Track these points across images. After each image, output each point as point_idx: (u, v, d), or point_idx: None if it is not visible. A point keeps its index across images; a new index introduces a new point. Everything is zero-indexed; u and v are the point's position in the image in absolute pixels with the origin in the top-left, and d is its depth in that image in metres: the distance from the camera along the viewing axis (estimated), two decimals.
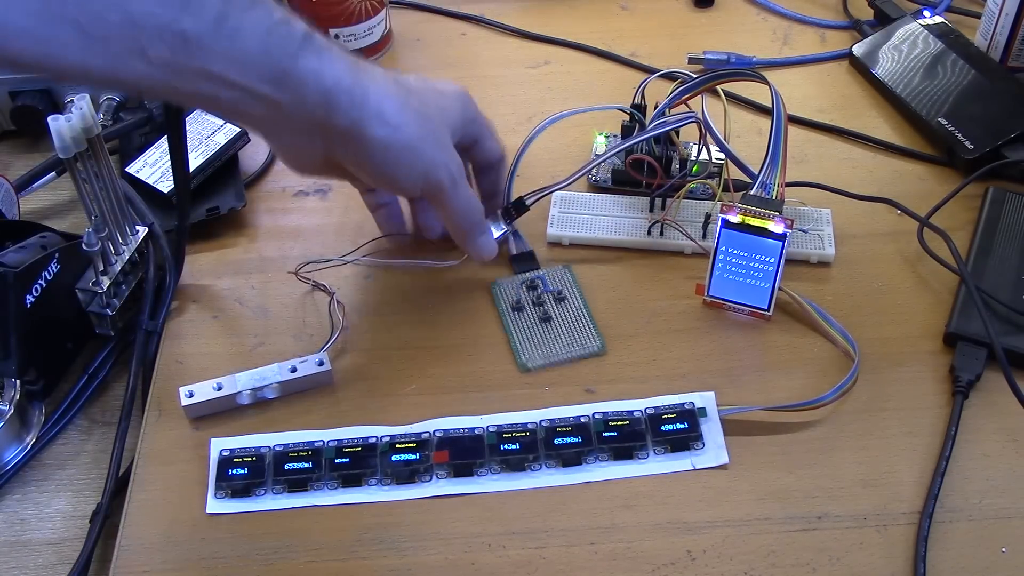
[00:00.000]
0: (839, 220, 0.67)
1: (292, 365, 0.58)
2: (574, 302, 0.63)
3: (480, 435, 0.56)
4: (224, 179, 0.71)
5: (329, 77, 0.50)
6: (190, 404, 0.57)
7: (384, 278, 0.65)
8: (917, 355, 0.60)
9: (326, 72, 0.50)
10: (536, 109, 0.79)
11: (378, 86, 0.53)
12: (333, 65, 0.51)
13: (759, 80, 0.64)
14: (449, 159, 0.57)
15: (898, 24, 0.82)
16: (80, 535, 0.54)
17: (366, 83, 0.52)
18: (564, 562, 0.51)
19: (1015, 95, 0.74)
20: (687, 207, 0.68)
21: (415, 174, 0.56)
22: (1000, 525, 0.52)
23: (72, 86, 0.75)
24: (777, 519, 0.53)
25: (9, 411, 0.58)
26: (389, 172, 0.55)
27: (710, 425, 0.56)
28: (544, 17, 0.89)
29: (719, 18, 0.89)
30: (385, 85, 0.53)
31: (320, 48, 0.51)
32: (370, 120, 0.52)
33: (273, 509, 0.54)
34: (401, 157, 0.54)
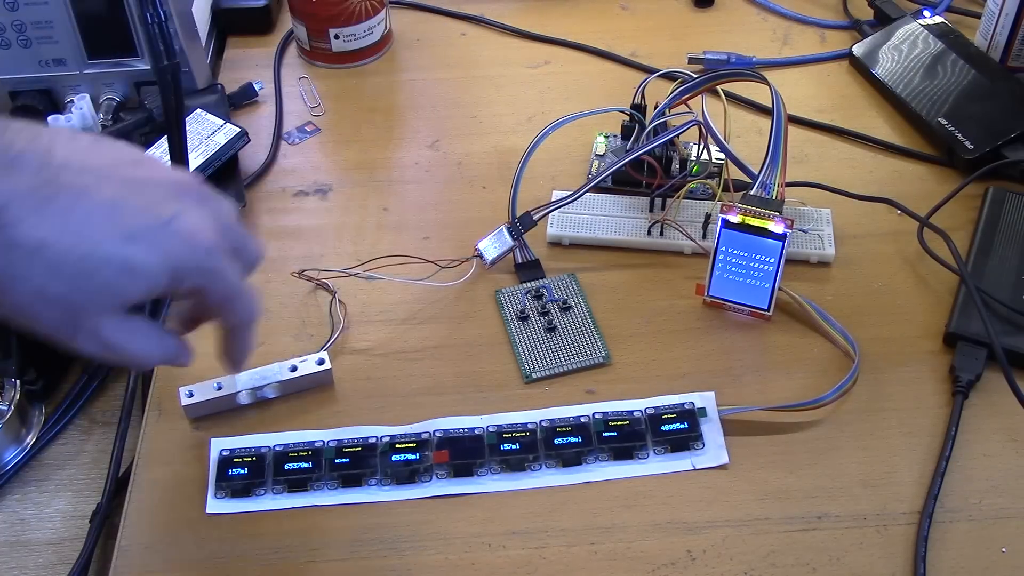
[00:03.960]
0: (839, 220, 0.67)
1: (292, 364, 0.58)
2: (579, 312, 0.63)
3: (480, 435, 0.56)
4: (224, 179, 0.71)
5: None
6: (190, 404, 0.57)
7: (386, 281, 0.65)
8: (917, 355, 0.60)
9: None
10: (536, 109, 0.79)
11: (24, 265, 0.41)
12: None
13: (759, 80, 0.64)
14: (75, 335, 0.44)
15: (898, 24, 0.82)
16: (80, 535, 0.54)
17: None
18: (564, 562, 0.51)
19: (1015, 95, 0.74)
20: (687, 207, 0.68)
21: (39, 332, 0.45)
22: (1000, 525, 0.52)
23: (72, 86, 0.75)
24: (777, 519, 0.53)
25: (9, 411, 0.58)
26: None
27: (710, 425, 0.56)
28: (544, 17, 0.89)
29: (719, 18, 0.89)
30: (7, 251, 0.41)
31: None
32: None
33: (273, 509, 0.54)
34: (9, 319, 0.44)
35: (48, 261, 0.41)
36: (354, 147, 0.77)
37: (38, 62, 0.74)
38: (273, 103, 0.81)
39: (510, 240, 0.65)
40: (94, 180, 0.43)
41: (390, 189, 0.73)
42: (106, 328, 0.44)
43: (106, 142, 0.45)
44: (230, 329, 0.50)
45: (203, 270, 0.45)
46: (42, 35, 0.73)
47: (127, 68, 0.75)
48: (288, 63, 0.85)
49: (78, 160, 0.43)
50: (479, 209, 0.70)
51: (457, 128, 0.78)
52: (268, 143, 0.77)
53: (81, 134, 0.44)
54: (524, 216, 0.65)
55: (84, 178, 0.43)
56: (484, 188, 0.72)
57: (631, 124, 0.70)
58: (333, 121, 0.79)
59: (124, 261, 0.43)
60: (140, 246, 0.43)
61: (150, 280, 0.44)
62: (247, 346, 0.51)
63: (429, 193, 0.72)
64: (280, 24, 0.89)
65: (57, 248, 0.41)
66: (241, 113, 0.80)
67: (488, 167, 0.74)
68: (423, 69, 0.84)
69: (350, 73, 0.84)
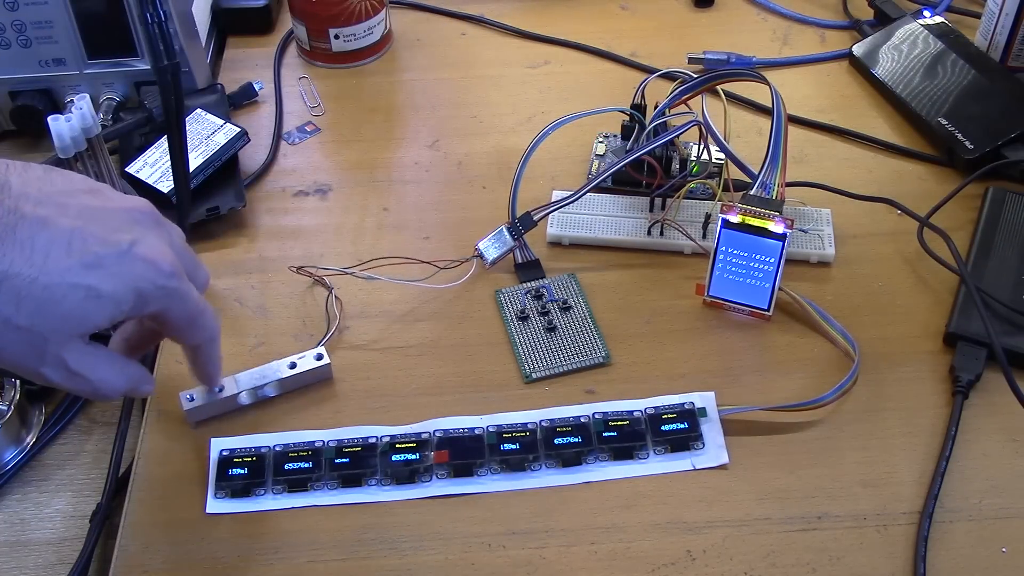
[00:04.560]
0: (839, 220, 0.67)
1: (291, 361, 0.58)
2: (579, 312, 0.63)
3: (480, 435, 0.56)
4: (224, 179, 0.71)
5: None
6: (191, 408, 0.57)
7: (386, 280, 0.65)
8: (917, 355, 0.60)
9: None
10: (536, 109, 0.79)
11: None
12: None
13: (759, 80, 0.64)
14: (40, 363, 0.45)
15: (898, 24, 0.82)
16: (80, 535, 0.54)
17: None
18: (564, 562, 0.51)
19: (1015, 95, 0.74)
20: (687, 207, 0.68)
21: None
22: (1000, 525, 0.52)
23: (72, 86, 0.75)
24: (777, 519, 0.53)
25: (9, 411, 0.58)
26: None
27: (710, 425, 0.56)
28: (544, 17, 0.89)
29: (719, 18, 0.89)
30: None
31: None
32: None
33: (273, 509, 0.54)
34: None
35: (11, 292, 0.42)
36: (354, 147, 0.77)
37: (38, 62, 0.74)
38: (273, 103, 0.81)
39: (510, 240, 0.65)
40: (53, 210, 0.44)
41: (390, 189, 0.73)
42: (71, 356, 0.45)
43: (58, 172, 0.46)
44: (197, 347, 0.52)
45: (166, 292, 0.46)
46: (42, 35, 0.73)
47: (127, 68, 0.75)
48: (288, 63, 0.85)
49: (35, 191, 0.43)
50: (479, 209, 0.70)
51: (457, 128, 0.78)
52: (268, 143, 0.77)
53: (32, 165, 0.45)
54: (524, 216, 0.65)
55: (43, 209, 0.43)
56: (484, 188, 0.72)
57: (631, 124, 0.70)
58: (333, 121, 0.79)
59: (88, 289, 0.43)
60: (102, 273, 0.44)
61: (114, 306, 0.45)
62: (216, 360, 0.53)
63: (429, 193, 0.72)
64: (280, 24, 0.89)
65: (20, 279, 0.42)
66: (241, 113, 0.80)
67: (488, 167, 0.74)
68: (423, 69, 0.84)
69: (350, 73, 0.84)
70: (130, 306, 0.45)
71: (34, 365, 0.44)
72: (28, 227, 0.42)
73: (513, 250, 0.66)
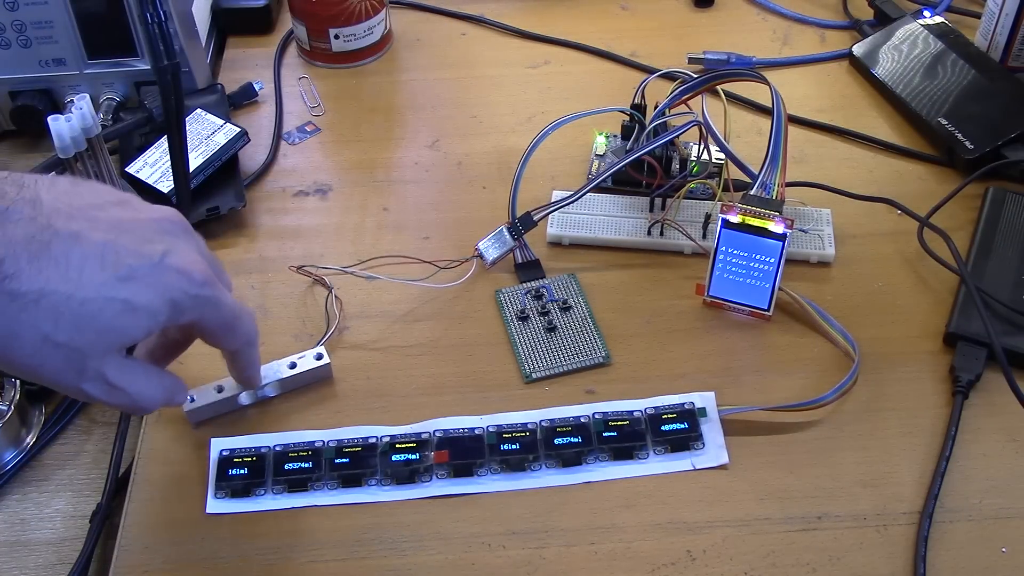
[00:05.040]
0: (839, 220, 0.67)
1: (291, 361, 0.58)
2: (579, 312, 0.63)
3: (480, 435, 0.56)
4: (224, 179, 0.71)
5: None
6: (192, 409, 0.57)
7: (386, 280, 0.65)
8: (917, 355, 0.60)
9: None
10: (536, 109, 0.79)
11: (27, 316, 0.42)
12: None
13: (759, 80, 0.64)
14: (79, 379, 0.45)
15: (898, 24, 0.82)
16: (80, 535, 0.54)
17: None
18: (564, 562, 0.51)
19: (1015, 95, 0.74)
20: (687, 207, 0.68)
21: (39, 381, 0.46)
22: (1000, 525, 0.52)
23: (72, 86, 0.75)
24: (777, 519, 0.53)
25: (9, 411, 0.58)
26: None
27: (710, 425, 0.56)
28: (544, 17, 0.89)
29: (719, 18, 0.89)
30: (8, 303, 0.41)
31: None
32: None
33: (273, 509, 0.54)
34: (8, 371, 0.45)
35: (50, 309, 0.42)
36: (354, 147, 0.77)
37: (38, 62, 0.74)
38: (273, 103, 0.81)
39: (510, 240, 0.65)
40: (85, 224, 0.44)
41: (390, 189, 0.73)
42: (110, 370, 0.45)
43: (85, 185, 0.46)
44: (236, 351, 0.52)
45: (201, 300, 0.47)
46: (42, 35, 0.73)
47: (127, 68, 0.75)
48: (288, 63, 0.85)
49: (65, 205, 0.44)
50: (479, 209, 0.70)
51: (457, 128, 0.78)
52: (268, 143, 0.77)
53: (59, 178, 0.45)
54: (524, 216, 0.65)
55: (75, 223, 0.43)
56: (484, 188, 0.72)
57: (631, 124, 0.70)
58: (333, 121, 0.79)
59: (124, 302, 0.44)
60: (137, 285, 0.44)
61: (151, 318, 0.45)
62: (256, 362, 0.54)
63: (429, 193, 0.72)
64: (280, 24, 0.89)
65: (57, 296, 0.42)
66: (241, 113, 0.80)
67: (488, 167, 0.74)
68: (423, 69, 0.84)
69: (350, 73, 0.84)
70: (166, 316, 0.45)
71: (74, 381, 0.45)
72: (62, 243, 0.42)
73: (513, 250, 0.66)
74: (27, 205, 0.42)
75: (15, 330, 0.42)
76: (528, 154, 0.67)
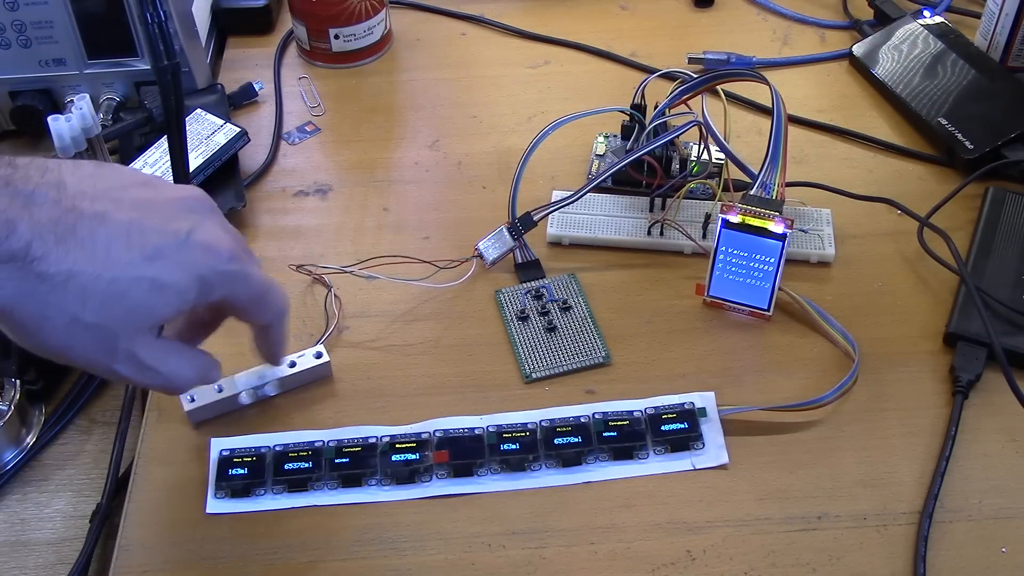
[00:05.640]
0: (839, 220, 0.67)
1: (291, 361, 0.58)
2: (579, 312, 0.63)
3: (480, 435, 0.56)
4: (224, 179, 0.71)
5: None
6: (192, 409, 0.57)
7: (386, 280, 0.65)
8: (917, 355, 0.60)
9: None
10: (536, 109, 0.79)
11: (24, 285, 0.41)
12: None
13: (759, 80, 0.64)
14: (111, 359, 0.45)
15: (898, 24, 0.82)
16: (80, 535, 0.54)
17: (2, 282, 0.41)
18: (564, 562, 0.51)
19: (1015, 95, 0.74)
20: (687, 207, 0.68)
21: (72, 363, 0.46)
22: (1000, 525, 0.52)
23: (72, 86, 0.75)
24: (777, 519, 0.53)
25: (9, 411, 0.58)
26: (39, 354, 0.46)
27: (710, 425, 0.56)
28: (544, 17, 0.89)
29: (719, 18, 0.89)
30: (39, 285, 0.41)
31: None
32: (20, 334, 0.43)
33: (273, 509, 0.54)
34: (40, 353, 0.45)
35: (78, 290, 0.42)
36: (354, 147, 0.77)
37: (38, 62, 0.74)
38: (273, 103, 0.81)
39: (510, 240, 0.65)
40: (110, 205, 0.44)
41: (390, 189, 0.73)
42: (142, 350, 0.45)
43: (108, 167, 0.46)
44: (266, 326, 0.52)
45: (229, 276, 0.47)
46: (42, 35, 0.73)
47: (127, 68, 0.75)
48: (288, 63, 0.85)
49: (89, 187, 0.44)
50: (479, 209, 0.70)
51: (457, 128, 0.78)
52: (268, 143, 0.77)
53: (83, 162, 0.46)
54: (524, 216, 0.65)
55: (99, 204, 0.44)
56: (484, 188, 0.72)
57: (631, 124, 0.70)
58: (333, 121, 0.79)
59: (152, 281, 0.44)
60: (165, 263, 0.44)
61: (180, 296, 0.45)
62: (284, 338, 0.54)
63: (429, 193, 0.72)
64: (280, 24, 0.89)
65: (85, 276, 0.42)
66: (241, 113, 0.80)
67: (488, 167, 0.74)
68: (423, 69, 0.84)
69: (350, 73, 0.84)
70: (195, 294, 0.46)
71: (106, 362, 0.45)
72: (87, 224, 0.43)
73: (513, 250, 0.66)
74: (52, 188, 0.42)
75: (45, 312, 0.42)
76: (528, 154, 0.67)
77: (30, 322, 0.42)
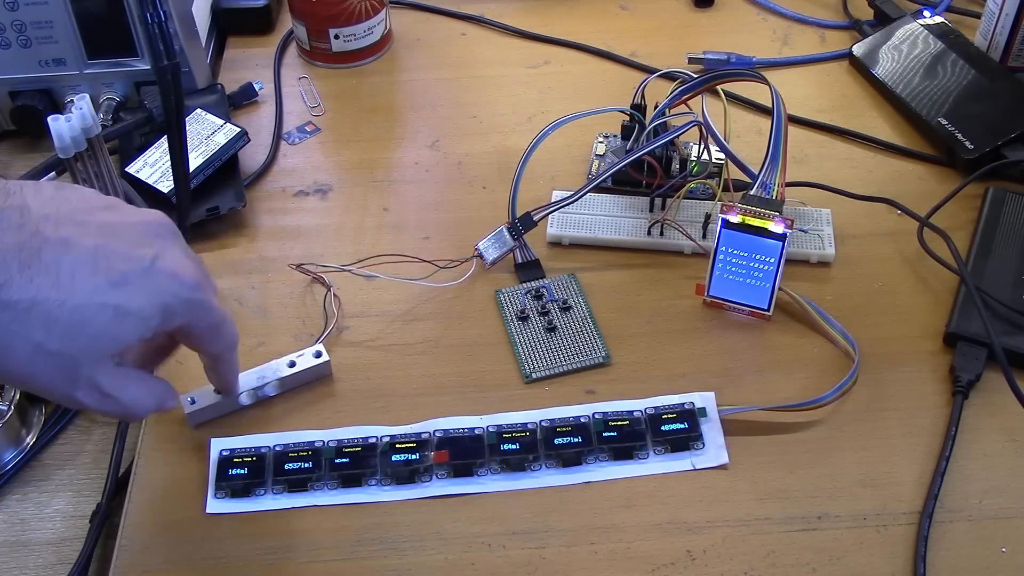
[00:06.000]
0: (839, 220, 0.67)
1: (290, 360, 0.58)
2: (579, 312, 0.63)
3: (480, 435, 0.56)
4: (224, 179, 0.71)
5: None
6: (193, 411, 0.57)
7: (385, 280, 0.65)
8: (917, 355, 0.60)
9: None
10: (536, 109, 0.79)
11: (19, 325, 0.41)
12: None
13: (759, 80, 0.64)
14: (73, 387, 0.44)
15: (898, 24, 0.82)
16: (80, 535, 0.54)
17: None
18: (564, 562, 0.51)
19: (1015, 95, 0.74)
20: (687, 207, 0.68)
21: (32, 391, 0.47)
22: (1000, 525, 0.52)
23: (72, 86, 0.75)
24: (777, 519, 0.53)
25: (9, 411, 0.58)
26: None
27: (710, 425, 0.56)
28: (544, 17, 0.89)
29: (719, 18, 0.89)
30: (25, 324, 0.41)
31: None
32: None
33: (273, 509, 0.54)
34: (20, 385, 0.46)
35: (42, 318, 0.41)
36: (354, 147, 0.77)
37: (38, 62, 0.74)
38: (273, 103, 0.81)
39: (510, 240, 0.65)
40: (73, 229, 0.43)
41: (390, 189, 0.73)
42: (103, 378, 0.45)
43: (70, 189, 0.45)
44: (218, 355, 0.52)
45: (192, 304, 0.46)
46: (42, 35, 0.73)
47: (127, 68, 0.75)
48: (288, 63, 0.85)
49: (52, 210, 0.43)
50: (479, 209, 0.70)
51: (457, 128, 0.78)
52: (268, 143, 0.77)
53: (44, 183, 0.45)
54: (524, 217, 0.65)
55: (64, 229, 0.43)
56: (484, 188, 0.72)
57: (631, 124, 0.70)
58: (333, 121, 0.79)
59: (116, 308, 0.43)
60: (129, 290, 0.43)
61: (143, 323, 0.44)
62: (236, 367, 0.53)
63: (429, 193, 0.72)
64: (280, 24, 0.89)
65: (49, 303, 0.41)
66: (241, 113, 0.80)
67: (488, 167, 0.74)
68: (423, 69, 0.84)
69: (350, 73, 0.84)
70: (158, 322, 0.45)
71: (67, 390, 0.44)
72: (52, 249, 0.42)
73: (513, 250, 0.66)
74: (15, 212, 0.41)
75: (7, 341, 0.41)
76: (528, 154, 0.67)
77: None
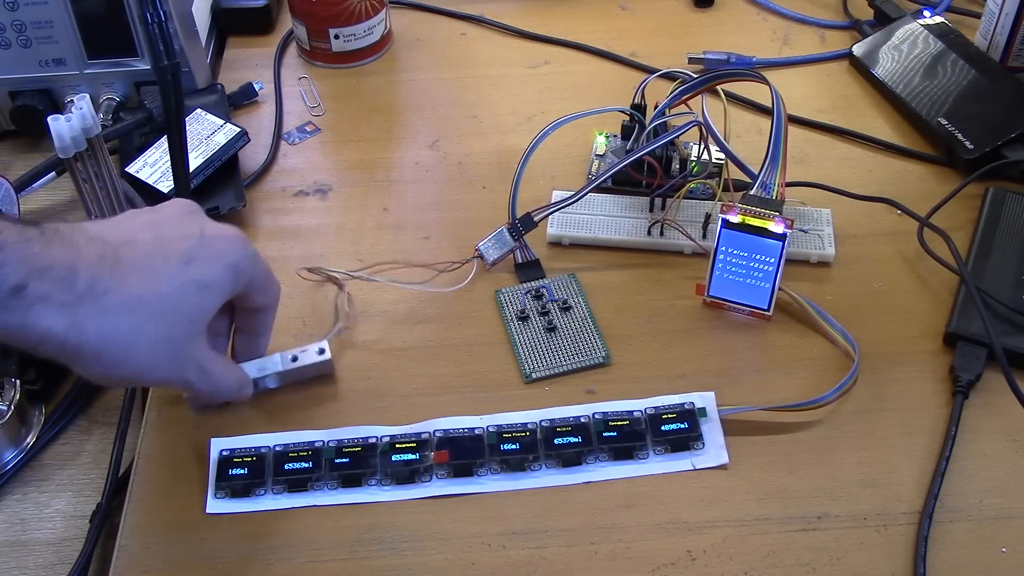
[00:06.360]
0: (839, 220, 0.67)
1: (293, 354, 0.58)
2: (579, 312, 0.63)
3: (480, 435, 0.56)
4: (224, 179, 0.71)
5: (36, 332, 0.44)
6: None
7: (386, 283, 0.65)
8: (917, 355, 0.60)
9: (31, 327, 0.44)
10: (536, 109, 0.79)
11: (104, 320, 0.45)
12: (43, 318, 0.44)
13: (759, 80, 0.65)
14: (184, 368, 0.49)
15: (898, 24, 0.82)
16: (80, 535, 0.54)
17: (84, 324, 0.45)
18: (564, 562, 0.51)
19: (1015, 95, 0.74)
20: (687, 207, 0.68)
21: (149, 383, 0.55)
22: (1000, 525, 0.52)
23: (72, 86, 0.75)
24: (777, 519, 0.53)
25: (9, 411, 0.58)
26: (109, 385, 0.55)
27: (710, 425, 0.56)
28: (544, 17, 0.89)
29: (719, 18, 0.89)
30: (116, 317, 0.45)
31: (30, 302, 0.43)
32: (86, 362, 0.46)
33: (273, 509, 0.54)
34: (118, 382, 0.52)
35: (146, 311, 0.46)
36: (354, 147, 0.77)
37: (38, 62, 0.74)
38: (273, 103, 0.81)
39: (510, 241, 0.65)
40: (128, 232, 0.48)
41: (390, 189, 0.73)
42: (201, 354, 0.50)
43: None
44: (268, 305, 0.56)
45: (249, 257, 0.52)
46: (42, 35, 0.73)
47: (127, 68, 0.75)
48: (288, 63, 0.85)
49: (101, 225, 0.48)
50: (479, 209, 0.70)
51: (457, 128, 0.78)
52: (268, 143, 0.77)
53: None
54: (524, 217, 0.65)
55: (120, 234, 0.47)
56: (484, 188, 0.72)
57: (631, 124, 0.70)
58: (333, 121, 0.79)
59: (197, 282, 0.48)
60: (198, 264, 0.48)
61: (221, 289, 0.50)
62: (272, 325, 0.57)
63: (429, 193, 0.72)
64: (280, 24, 0.89)
65: (148, 296, 0.46)
66: (241, 113, 0.80)
67: (488, 167, 0.74)
68: (423, 69, 0.84)
69: (350, 73, 0.84)
70: (232, 283, 0.50)
71: (181, 372, 0.49)
72: (126, 251, 0.46)
73: (513, 250, 0.66)
74: (80, 233, 0.45)
75: (131, 339, 0.46)
76: (528, 154, 0.67)
77: (120, 354, 0.46)
